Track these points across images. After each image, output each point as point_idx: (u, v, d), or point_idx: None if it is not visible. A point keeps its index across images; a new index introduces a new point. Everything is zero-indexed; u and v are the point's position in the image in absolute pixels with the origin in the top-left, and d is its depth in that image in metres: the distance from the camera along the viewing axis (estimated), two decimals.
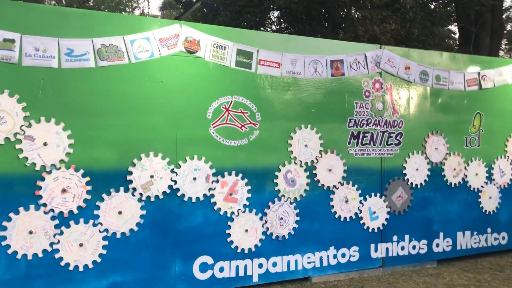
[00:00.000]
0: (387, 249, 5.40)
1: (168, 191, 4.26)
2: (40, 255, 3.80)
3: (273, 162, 4.78)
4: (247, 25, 11.32)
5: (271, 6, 11.65)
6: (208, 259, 4.47)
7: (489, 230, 6.09)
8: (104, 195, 4.02)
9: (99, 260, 4.02)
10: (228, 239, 4.54)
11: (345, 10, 10.41)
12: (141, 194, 4.15)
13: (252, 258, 4.66)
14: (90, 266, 3.99)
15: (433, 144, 5.66)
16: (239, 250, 4.59)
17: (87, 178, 3.94)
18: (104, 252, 4.03)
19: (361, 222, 5.24)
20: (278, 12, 14.58)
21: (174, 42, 4.31)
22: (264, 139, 4.73)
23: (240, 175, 4.58)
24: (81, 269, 3.95)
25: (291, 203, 4.86)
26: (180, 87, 4.34)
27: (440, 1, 14.53)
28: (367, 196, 5.28)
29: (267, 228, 4.73)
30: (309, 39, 5.13)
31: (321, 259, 5.02)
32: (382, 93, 5.37)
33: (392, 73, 5.41)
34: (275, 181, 4.77)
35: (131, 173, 4.10)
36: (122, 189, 4.08)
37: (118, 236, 4.07)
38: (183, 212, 4.35)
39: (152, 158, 4.18)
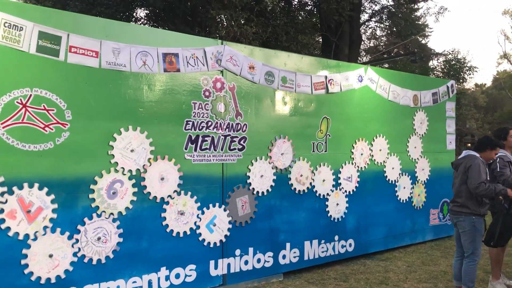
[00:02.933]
0: (228, 264, 4.90)
1: None
2: None
3: (88, 170, 3.98)
4: None
5: (131, 0, 10.75)
6: None
7: (336, 237, 5.95)
8: None
9: None
10: (26, 269, 3.62)
11: (208, 10, 9.91)
12: None
13: None
14: None
15: (279, 149, 5.32)
16: (37, 279, 3.69)
17: None
18: None
19: (199, 236, 4.66)
20: (143, 9, 13.69)
21: None
22: (77, 142, 3.91)
23: (39, 186, 3.68)
24: None
25: (113, 220, 4.09)
26: None
27: (305, 11, 14.88)
28: (206, 207, 4.72)
29: (80, 250, 3.90)
30: (135, 26, 4.48)
31: (150, 283, 4.32)
32: (224, 93, 4.87)
33: (235, 72, 4.95)
34: (91, 195, 3.97)
35: None
36: None
37: None
38: None
39: None
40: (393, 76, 6.84)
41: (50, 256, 3.75)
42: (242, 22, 10.40)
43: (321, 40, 15.82)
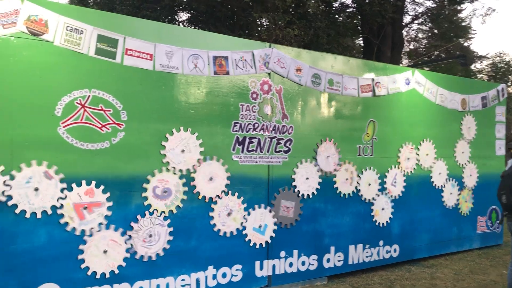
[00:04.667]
0: (273, 266, 4.92)
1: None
2: None
3: (142, 169, 4.09)
4: None
5: (174, 4, 10.95)
6: (54, 287, 3.66)
7: (381, 242, 5.87)
8: None
9: None
10: (80, 260, 3.76)
11: (250, 13, 9.98)
12: None
13: (111, 284, 3.92)
14: None
15: (324, 152, 5.31)
16: (92, 274, 3.82)
17: None
18: None
19: (245, 237, 4.70)
20: (185, 13, 13.93)
21: (12, 21, 3.48)
22: (131, 142, 4.03)
23: (94, 183, 3.81)
24: None
25: (164, 218, 4.19)
26: (18, 75, 3.51)
27: (346, 13, 14.77)
28: (254, 207, 4.76)
29: (132, 248, 4.02)
30: (188, 30, 4.56)
31: (197, 281, 4.40)
32: (271, 95, 4.91)
33: (282, 74, 4.98)
34: (143, 190, 4.08)
35: None
36: None
37: None
38: (20, 231, 3.50)
39: None
40: (441, 80, 6.69)
41: (105, 252, 3.88)
42: (283, 24, 10.42)
43: (362, 42, 15.66)
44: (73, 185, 3.72)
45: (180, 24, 14.08)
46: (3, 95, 3.43)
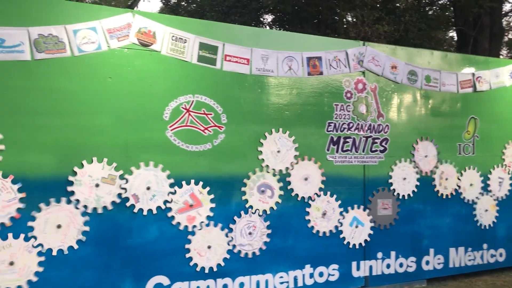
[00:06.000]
0: (370, 267, 4.86)
1: (118, 201, 3.74)
2: None
3: (240, 169, 4.27)
4: None
5: (261, 7, 11.20)
6: (164, 280, 3.94)
7: (485, 246, 5.54)
8: (41, 205, 3.49)
9: (35, 279, 3.48)
10: (187, 255, 4.01)
11: (337, 11, 9.92)
12: (85, 206, 3.63)
13: (215, 278, 4.13)
14: (25, 287, 3.46)
15: (422, 151, 5.13)
16: (199, 269, 4.05)
17: (19, 185, 3.42)
18: (41, 269, 3.49)
19: (341, 237, 4.70)
20: (269, 14, 14.16)
21: (125, 33, 3.81)
22: (231, 144, 4.21)
23: (201, 183, 4.05)
24: None
25: (260, 216, 4.33)
26: (132, 84, 3.83)
27: (437, 5, 14.06)
28: (348, 208, 4.75)
29: (234, 245, 4.20)
30: (282, 33, 4.68)
31: (295, 279, 4.48)
32: (366, 94, 4.86)
33: (376, 72, 4.91)
34: (242, 189, 4.25)
35: (72, 182, 3.58)
36: (63, 199, 3.56)
37: (54, 253, 3.54)
38: (134, 226, 3.83)
39: (98, 164, 3.66)
40: None
41: (209, 247, 4.09)
42: (371, 21, 10.21)
43: (454, 35, 14.81)
44: (182, 183, 3.98)
45: (265, 27, 14.36)
46: (119, 102, 3.77)
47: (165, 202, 3.92)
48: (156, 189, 3.88)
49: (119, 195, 3.75)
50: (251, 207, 4.28)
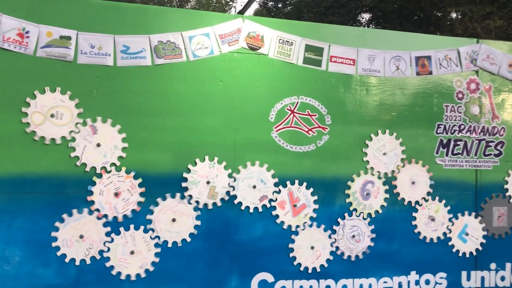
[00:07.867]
0: (482, 278, 4.56)
1: (226, 198, 3.92)
2: (88, 262, 3.63)
3: (344, 171, 4.24)
4: None
5: (359, 6, 11.00)
6: (269, 277, 4.05)
7: None
8: (158, 200, 3.77)
9: (151, 268, 3.77)
10: (291, 255, 4.07)
11: (442, 7, 9.42)
12: (197, 202, 3.85)
13: (318, 279, 4.15)
14: (143, 275, 3.76)
15: None
16: (302, 269, 4.10)
17: (139, 180, 3.73)
18: (157, 260, 3.78)
19: (450, 244, 4.47)
20: (367, 14, 13.84)
21: (235, 38, 3.98)
22: (335, 145, 4.20)
23: (305, 184, 4.10)
24: (133, 278, 3.73)
25: (365, 219, 4.27)
26: (240, 87, 3.99)
27: None
28: (458, 215, 4.50)
29: (337, 247, 4.19)
30: (389, 32, 4.52)
31: (400, 285, 4.35)
32: (479, 95, 4.57)
33: (492, 71, 4.59)
34: (346, 192, 4.22)
35: (186, 179, 3.82)
36: (178, 195, 3.81)
37: (170, 245, 3.80)
38: (242, 223, 3.98)
39: (211, 163, 3.87)
40: None
41: (312, 248, 4.12)
42: (481, 16, 9.54)
43: None
44: (287, 183, 4.06)
45: (362, 26, 14.06)
46: (230, 105, 3.94)
47: (270, 201, 4.02)
48: (261, 188, 3.99)
49: (228, 192, 3.92)
50: (355, 209, 4.23)
